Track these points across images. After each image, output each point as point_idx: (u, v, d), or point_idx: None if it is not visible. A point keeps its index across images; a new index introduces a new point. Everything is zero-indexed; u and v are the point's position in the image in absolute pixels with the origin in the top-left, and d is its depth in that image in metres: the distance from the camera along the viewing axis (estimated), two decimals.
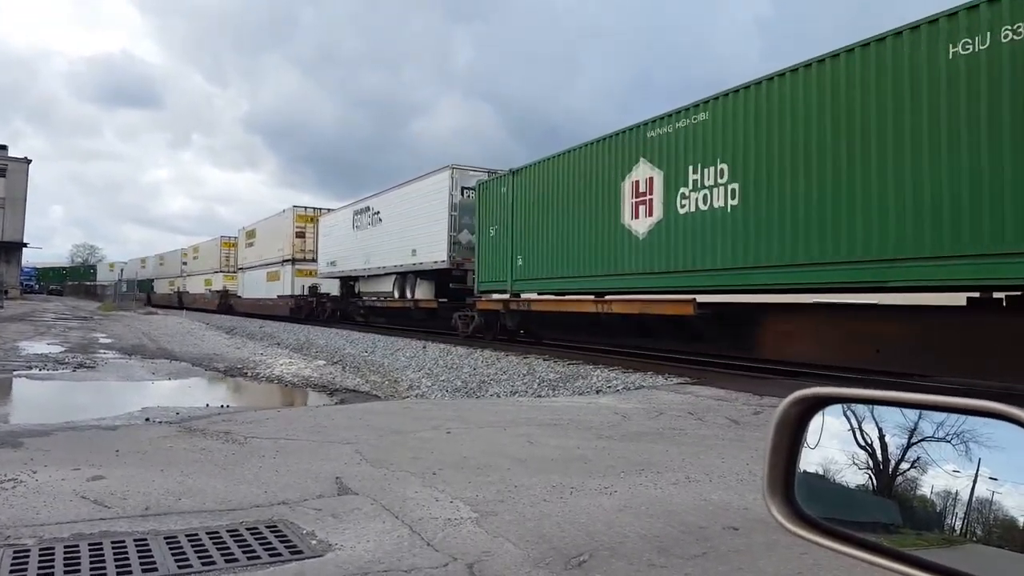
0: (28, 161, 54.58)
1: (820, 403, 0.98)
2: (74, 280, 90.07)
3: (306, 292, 29.98)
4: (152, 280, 61.93)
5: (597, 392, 9.05)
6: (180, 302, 50.12)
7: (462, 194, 18.57)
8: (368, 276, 24.30)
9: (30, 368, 12.01)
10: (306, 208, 32.46)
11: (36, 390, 10.37)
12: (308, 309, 29.18)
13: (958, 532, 0.81)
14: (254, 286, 36.68)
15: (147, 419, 6.32)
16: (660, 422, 6.25)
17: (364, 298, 25.66)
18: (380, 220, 22.96)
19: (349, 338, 19.32)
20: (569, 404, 7.58)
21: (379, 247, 22.81)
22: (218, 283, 43.77)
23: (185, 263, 52.77)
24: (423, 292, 20.66)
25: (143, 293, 61.86)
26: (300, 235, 31.46)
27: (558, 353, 13.24)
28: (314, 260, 30.30)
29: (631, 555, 2.76)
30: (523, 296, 15.26)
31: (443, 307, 19.17)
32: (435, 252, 18.96)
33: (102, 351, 16.10)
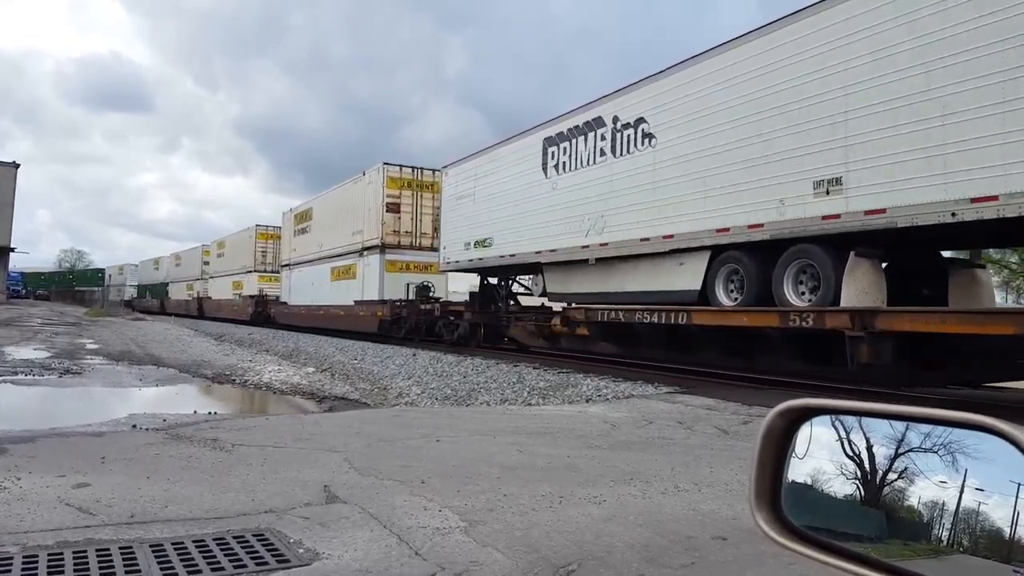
0: (16, 165, 54.22)
1: (807, 414, 0.99)
2: (81, 285, 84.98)
3: (412, 295, 19.52)
4: (167, 284, 52.94)
5: (587, 401, 9.05)
6: (200, 309, 40.82)
7: None
8: (598, 259, 12.25)
9: (15, 374, 11.88)
10: (402, 168, 21.14)
11: (21, 396, 10.26)
12: (414, 322, 19.00)
13: (945, 543, 0.82)
14: (307, 288, 26.52)
15: (134, 426, 6.26)
16: (649, 431, 6.25)
17: (567, 305, 13.84)
18: (651, 140, 10.95)
19: (339, 345, 19.23)
20: (559, 413, 7.57)
21: (641, 196, 11.12)
22: (251, 286, 34.32)
23: (207, 262, 43.26)
24: (860, 287, 8.27)
25: (155, 299, 53.96)
26: (392, 208, 20.60)
27: (548, 361, 13.23)
28: (415, 246, 20.75)
29: (619, 565, 2.76)
30: None
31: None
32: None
33: (89, 357, 15.96)
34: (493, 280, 17.16)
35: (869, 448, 0.91)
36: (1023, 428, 0.74)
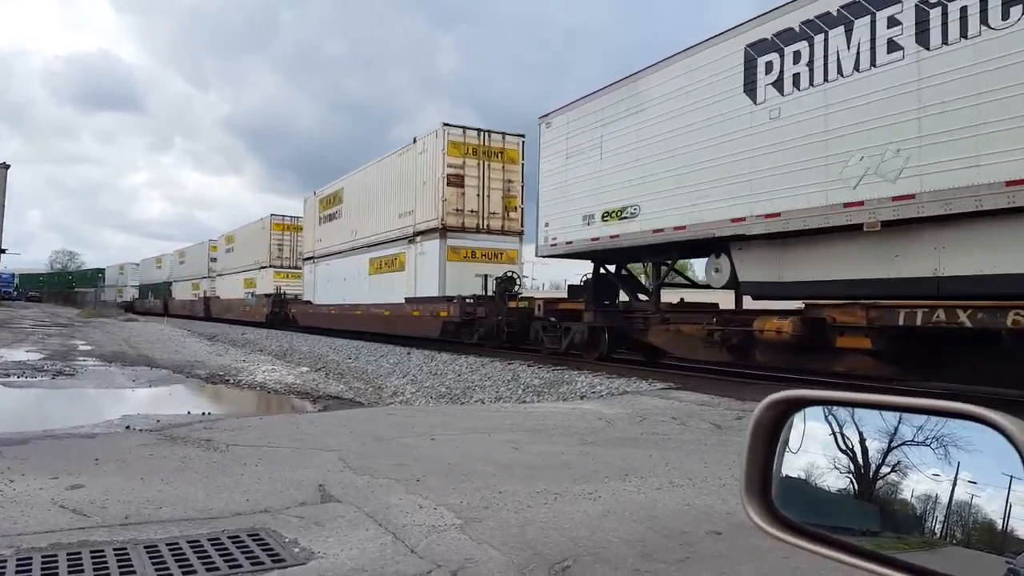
0: (7, 167, 53.88)
1: (795, 405, 0.99)
2: (80, 286, 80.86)
3: (491, 289, 15.37)
4: (170, 283, 48.97)
5: (581, 398, 9.06)
6: (207, 310, 36.88)
7: None
8: (884, 224, 7.36)
9: (8, 376, 11.84)
10: (465, 131, 16.89)
11: (14, 398, 10.22)
12: (494, 324, 14.63)
13: (938, 535, 0.82)
14: (337, 285, 22.55)
15: (127, 427, 6.24)
16: (644, 427, 6.26)
17: (806, 300, 8.85)
18: None
19: (332, 344, 19.19)
20: (554, 410, 7.58)
21: (1002, 108, 6.28)
22: (266, 283, 30.39)
23: (214, 259, 39.20)
24: None
25: (158, 300, 50.29)
26: (455, 181, 16.54)
27: (542, 359, 13.25)
28: (482, 229, 16.80)
29: (614, 560, 2.76)
30: None
31: None
32: None
33: (82, 358, 15.90)
34: (611, 267, 12.78)
35: (862, 442, 0.91)
36: (1014, 419, 0.74)
